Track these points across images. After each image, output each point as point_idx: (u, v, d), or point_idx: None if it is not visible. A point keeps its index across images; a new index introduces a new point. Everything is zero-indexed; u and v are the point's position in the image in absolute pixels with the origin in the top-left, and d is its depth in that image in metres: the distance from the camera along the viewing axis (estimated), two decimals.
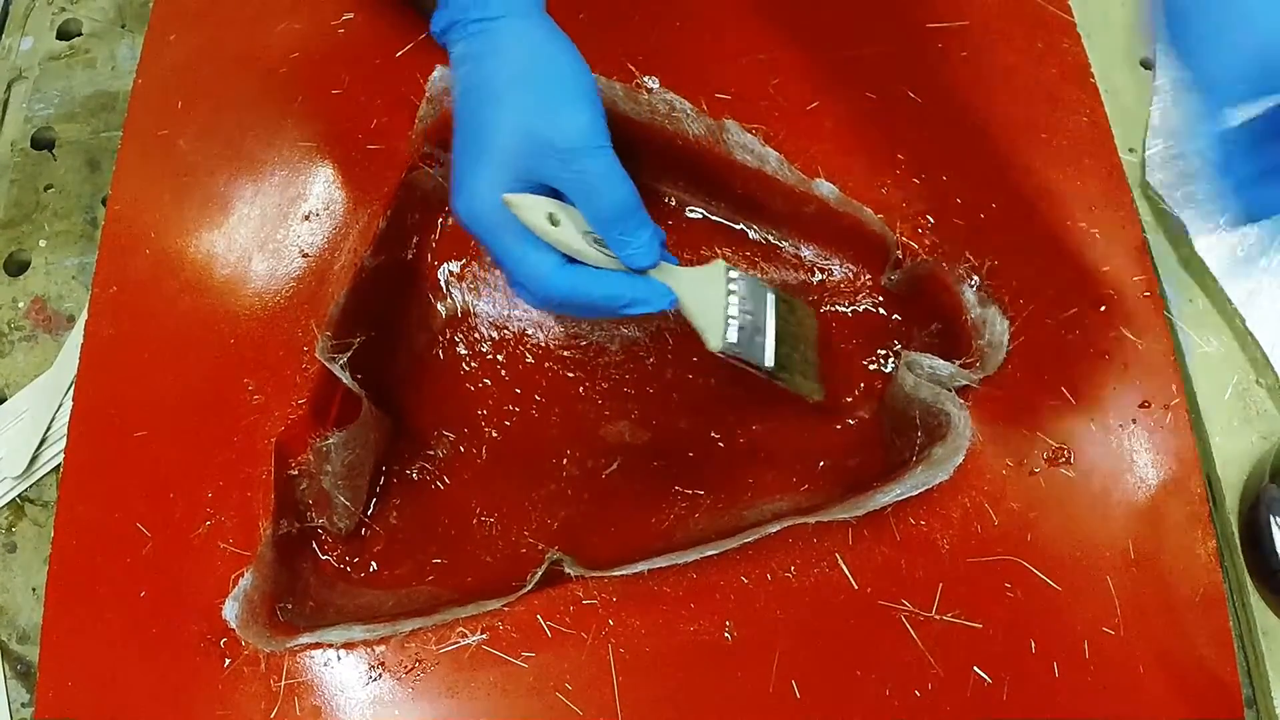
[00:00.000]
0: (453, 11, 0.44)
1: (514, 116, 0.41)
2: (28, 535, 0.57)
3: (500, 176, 0.41)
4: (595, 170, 0.41)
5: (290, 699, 0.46)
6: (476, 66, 0.43)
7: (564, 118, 0.41)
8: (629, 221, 0.42)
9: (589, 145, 0.41)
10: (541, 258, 0.42)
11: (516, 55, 0.42)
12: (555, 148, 0.41)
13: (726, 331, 0.46)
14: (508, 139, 0.41)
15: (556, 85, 0.42)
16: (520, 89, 0.42)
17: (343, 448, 0.50)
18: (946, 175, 0.55)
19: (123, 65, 0.70)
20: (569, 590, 0.47)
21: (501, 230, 0.42)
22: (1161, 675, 0.46)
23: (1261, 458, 0.54)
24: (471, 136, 0.42)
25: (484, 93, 0.42)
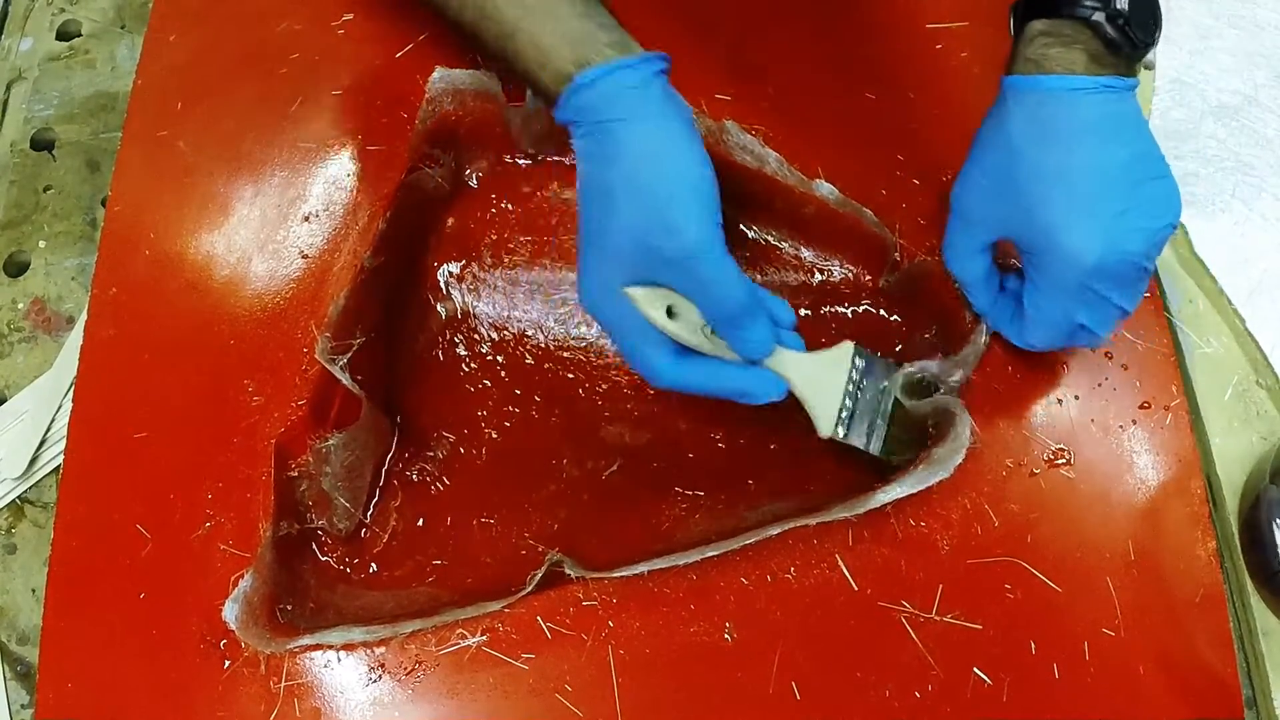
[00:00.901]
0: (574, 111, 0.44)
1: (625, 224, 0.42)
2: (27, 536, 0.57)
3: (617, 274, 0.43)
4: (705, 276, 0.42)
5: (290, 700, 0.46)
6: (596, 169, 0.44)
7: (674, 227, 0.42)
8: (743, 319, 0.44)
9: (698, 253, 0.42)
10: (655, 351, 0.45)
11: (631, 160, 0.43)
12: (667, 258, 0.42)
13: (839, 421, 0.48)
14: (621, 244, 0.43)
15: (667, 192, 0.42)
16: (631, 197, 0.42)
17: (342, 449, 0.50)
18: (947, 176, 0.55)
19: (122, 66, 0.70)
20: (569, 591, 0.47)
21: (620, 322, 0.44)
22: (1162, 676, 0.46)
23: (1261, 458, 0.54)
24: (591, 235, 0.44)
25: (599, 194, 0.43)
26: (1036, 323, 0.47)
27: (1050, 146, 0.43)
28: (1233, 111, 0.62)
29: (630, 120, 0.43)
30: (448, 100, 0.56)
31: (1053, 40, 0.44)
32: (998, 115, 0.46)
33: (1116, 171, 0.43)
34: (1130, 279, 0.44)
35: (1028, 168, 0.44)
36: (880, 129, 0.56)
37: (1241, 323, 0.57)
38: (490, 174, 0.60)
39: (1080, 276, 0.43)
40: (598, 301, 0.45)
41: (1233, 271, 0.58)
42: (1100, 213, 0.43)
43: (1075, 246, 0.43)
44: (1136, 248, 0.43)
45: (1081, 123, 0.43)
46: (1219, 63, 0.63)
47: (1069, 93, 0.43)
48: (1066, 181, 0.43)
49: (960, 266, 0.49)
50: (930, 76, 0.57)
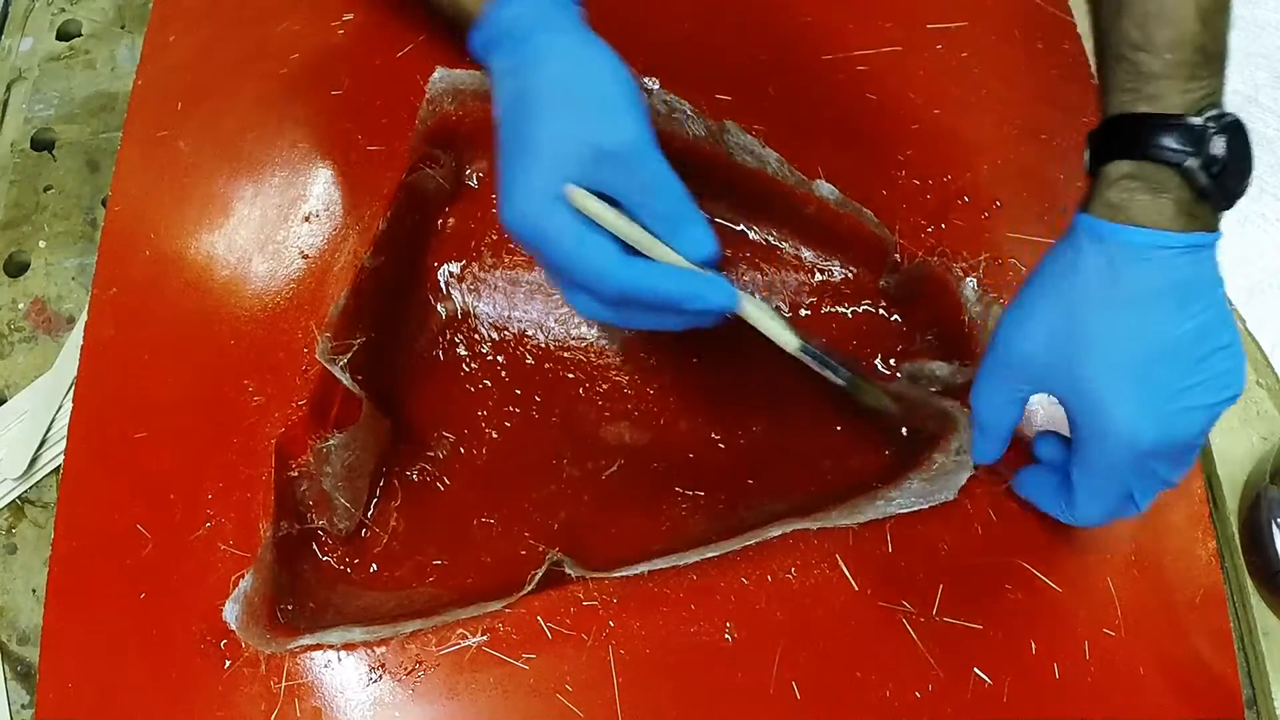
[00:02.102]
0: (493, 28, 0.44)
1: (564, 124, 0.41)
2: (28, 536, 0.57)
3: (552, 181, 0.41)
4: (648, 169, 0.41)
5: (290, 700, 0.46)
6: (522, 78, 0.43)
7: (614, 123, 0.41)
8: (684, 215, 0.42)
9: (640, 147, 0.41)
10: (603, 248, 0.41)
11: (562, 65, 0.43)
12: (608, 152, 0.41)
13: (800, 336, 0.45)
14: (559, 146, 0.41)
15: (603, 93, 0.42)
16: (568, 97, 0.42)
17: (343, 449, 0.50)
18: (948, 176, 0.55)
19: (122, 66, 0.70)
20: (569, 591, 0.47)
21: (558, 230, 0.41)
22: (1162, 676, 0.46)
23: (1261, 458, 0.54)
24: (520, 145, 0.42)
25: (531, 102, 0.42)
26: (1088, 496, 0.43)
27: (1121, 309, 0.40)
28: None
29: (557, 30, 0.43)
30: (448, 100, 0.56)
31: (1139, 185, 0.39)
32: (1068, 257, 0.41)
33: (1185, 345, 0.39)
34: (1183, 455, 0.41)
35: (1090, 330, 0.40)
36: (880, 129, 0.56)
37: (1241, 323, 0.57)
38: (490, 174, 0.60)
39: (1133, 456, 0.40)
40: (531, 211, 0.41)
41: (1233, 271, 0.58)
42: (1160, 391, 0.39)
43: (1130, 427, 0.39)
44: (1195, 428, 0.40)
45: (1160, 286, 0.39)
46: None
47: (1153, 250, 0.39)
48: (1127, 354, 0.39)
49: (988, 410, 0.45)
50: (930, 77, 0.57)
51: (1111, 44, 0.41)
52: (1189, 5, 0.39)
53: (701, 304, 0.42)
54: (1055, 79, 0.57)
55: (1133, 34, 0.40)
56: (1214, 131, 0.39)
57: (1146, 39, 0.40)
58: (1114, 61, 0.41)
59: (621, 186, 0.41)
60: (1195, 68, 0.39)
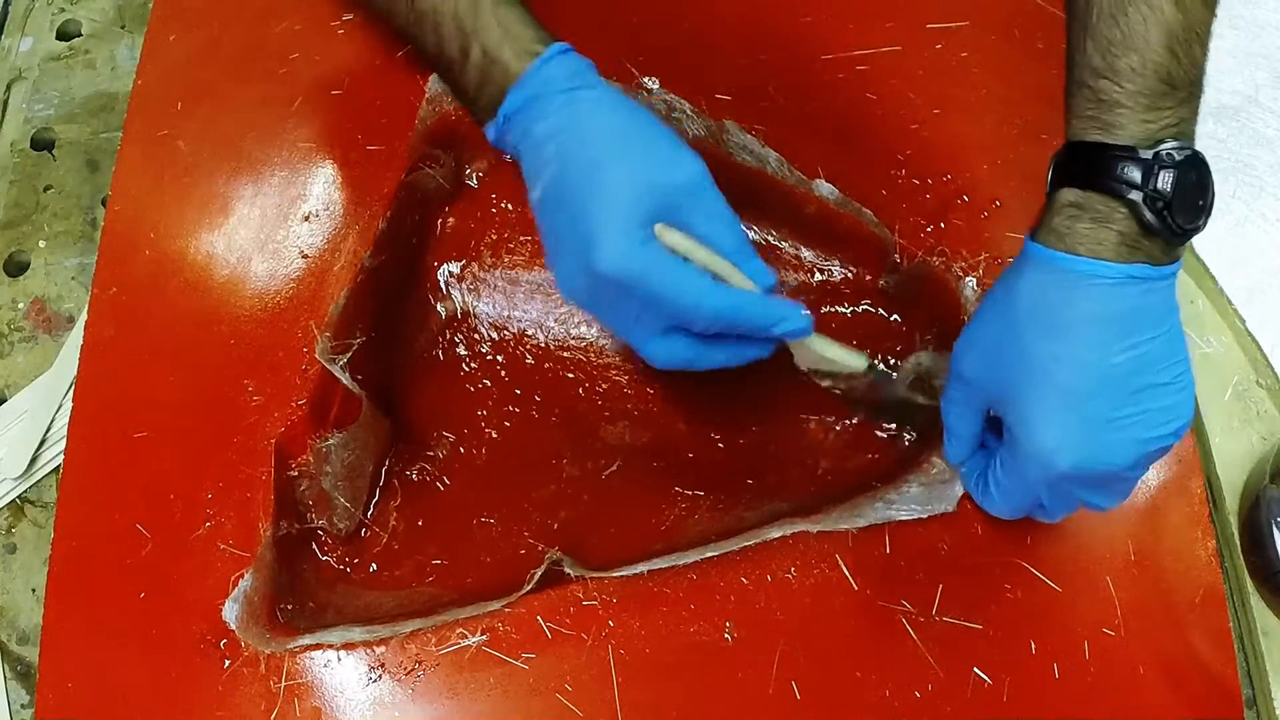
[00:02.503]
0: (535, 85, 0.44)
1: (636, 167, 0.42)
2: (28, 536, 0.57)
3: (635, 222, 0.41)
4: (714, 202, 0.43)
5: (290, 700, 0.46)
6: (577, 134, 0.43)
7: (676, 161, 0.43)
8: (747, 247, 0.44)
9: (704, 181, 0.43)
10: (696, 282, 0.42)
11: (612, 117, 0.44)
12: (678, 186, 0.42)
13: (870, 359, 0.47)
14: (634, 187, 0.42)
15: (658, 137, 0.44)
16: (628, 144, 0.43)
17: (342, 448, 0.50)
18: (948, 176, 0.55)
19: (122, 66, 0.70)
20: (569, 591, 0.47)
21: (651, 265, 0.41)
22: (1162, 676, 0.46)
23: (1261, 458, 0.54)
24: (588, 198, 0.42)
25: (594, 153, 0.43)
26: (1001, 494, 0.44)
27: (1049, 333, 0.39)
28: (1233, 112, 0.62)
29: (594, 87, 0.45)
30: (448, 100, 0.56)
31: (1082, 214, 0.39)
32: (1010, 279, 0.42)
33: (1118, 375, 0.39)
34: (1110, 485, 0.41)
35: (1021, 348, 0.40)
36: (880, 129, 0.56)
37: (1241, 323, 0.57)
38: (490, 174, 0.60)
39: (1048, 477, 0.40)
40: (628, 253, 0.41)
41: (1233, 271, 0.58)
42: (1085, 417, 0.39)
43: (1047, 449, 0.39)
44: (1122, 460, 0.39)
45: (1090, 314, 0.39)
46: (1219, 63, 0.63)
47: (1088, 280, 0.39)
48: (1056, 376, 0.39)
49: (951, 417, 0.46)
50: (930, 76, 0.57)
51: (1076, 69, 0.41)
52: (1157, 33, 0.38)
53: (786, 326, 0.43)
54: (1055, 79, 0.57)
55: (1096, 60, 0.40)
56: (1163, 166, 0.38)
57: (1109, 66, 0.39)
58: (1076, 87, 0.41)
59: (692, 220, 0.43)
60: (1158, 97, 0.39)
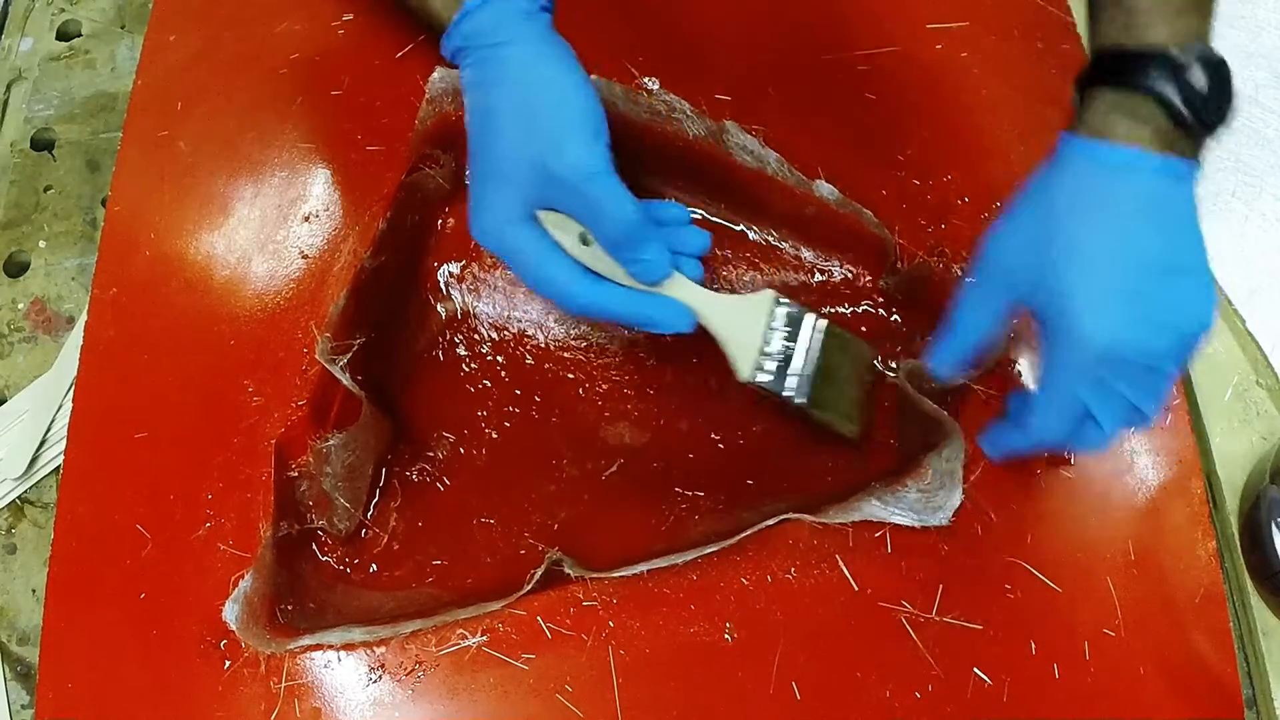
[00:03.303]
0: (462, 37, 0.45)
1: (517, 148, 0.43)
2: (28, 536, 0.57)
3: (512, 201, 0.43)
4: (596, 195, 0.43)
5: (290, 700, 0.46)
6: (484, 94, 0.44)
7: (564, 148, 0.43)
8: (634, 239, 0.44)
9: (589, 173, 0.42)
10: (560, 272, 0.44)
11: (520, 85, 0.44)
12: (557, 177, 0.42)
13: (759, 363, 0.47)
14: (514, 169, 0.43)
15: (557, 115, 0.43)
16: (522, 121, 0.43)
17: (343, 449, 0.50)
18: (949, 176, 0.55)
19: (122, 66, 0.70)
20: (569, 592, 0.47)
21: (520, 250, 0.44)
22: (1162, 676, 0.46)
23: (1262, 458, 0.54)
24: (483, 162, 0.44)
25: (490, 122, 0.44)
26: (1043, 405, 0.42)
27: (1090, 220, 0.41)
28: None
29: (519, 43, 0.44)
30: (448, 100, 0.56)
31: (1119, 111, 0.41)
32: (1048, 172, 0.42)
33: (1152, 258, 0.40)
34: (1144, 374, 0.41)
35: (1063, 237, 0.41)
36: (880, 129, 0.56)
37: (1241, 323, 0.57)
38: None
39: (1092, 357, 0.40)
40: (499, 229, 0.44)
41: (1233, 271, 0.58)
42: (1125, 296, 0.40)
43: (1087, 326, 0.40)
44: (1156, 344, 0.40)
45: (1129, 201, 0.40)
46: None
47: (1125, 168, 0.40)
48: (1095, 258, 0.40)
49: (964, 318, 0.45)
50: (930, 76, 0.57)
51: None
52: None
53: (657, 328, 0.45)
54: (1055, 79, 0.57)
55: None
56: (1195, 63, 0.40)
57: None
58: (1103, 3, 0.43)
59: (573, 209, 0.43)
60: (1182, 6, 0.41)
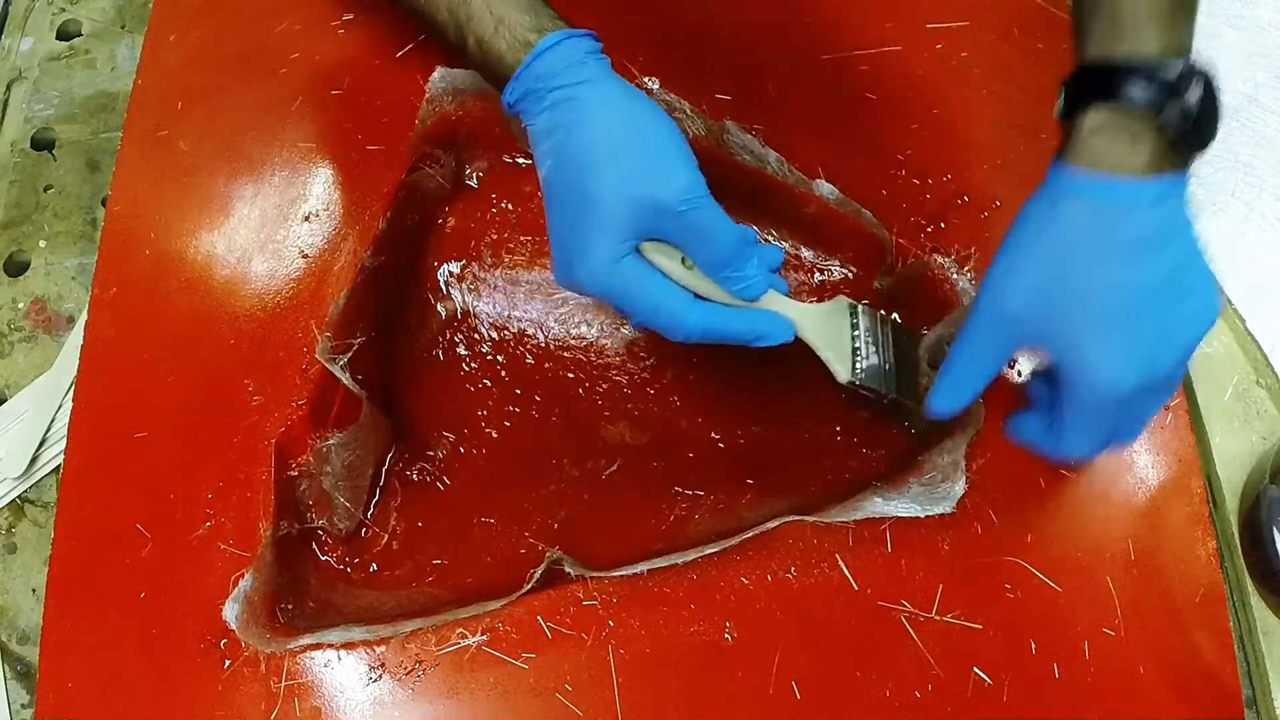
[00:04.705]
0: (534, 78, 0.44)
1: (621, 183, 0.43)
2: (28, 536, 0.57)
3: (616, 241, 0.43)
4: (704, 220, 0.43)
5: (290, 700, 0.46)
6: (568, 136, 0.44)
7: (670, 179, 0.43)
8: (737, 260, 0.45)
9: (696, 199, 0.43)
10: (676, 301, 0.44)
11: (610, 123, 0.44)
12: (666, 208, 0.43)
13: (855, 365, 0.48)
14: (616, 205, 0.43)
15: (656, 148, 0.44)
16: (623, 156, 0.43)
17: (343, 449, 0.50)
18: (948, 175, 0.55)
19: (123, 65, 0.70)
20: (569, 591, 0.47)
21: (633, 285, 0.44)
22: (1162, 676, 0.46)
23: (1261, 458, 0.54)
24: (578, 207, 0.43)
25: (584, 163, 0.43)
26: (1077, 434, 0.43)
27: (1104, 262, 0.40)
28: (1233, 112, 0.62)
29: (598, 82, 0.44)
30: (448, 100, 0.56)
31: (1114, 132, 0.40)
32: (1049, 211, 0.41)
33: (1162, 289, 0.40)
34: (1164, 388, 0.42)
35: (1071, 283, 0.40)
36: (880, 129, 0.56)
37: (1241, 323, 0.57)
38: (490, 174, 0.60)
39: (1117, 401, 0.41)
40: (607, 269, 0.43)
41: (1233, 271, 0.58)
42: (1141, 340, 0.40)
43: (1114, 377, 0.40)
44: (1173, 362, 0.41)
45: (1139, 237, 0.40)
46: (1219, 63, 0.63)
47: (1127, 203, 0.40)
48: (1113, 303, 0.40)
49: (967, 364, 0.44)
50: (930, 76, 0.57)
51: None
52: None
53: (764, 342, 0.46)
54: (1055, 79, 0.57)
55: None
56: (1190, 80, 0.39)
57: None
58: (1090, 11, 0.42)
59: (680, 236, 0.44)
60: (1173, 12, 0.40)
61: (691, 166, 0.44)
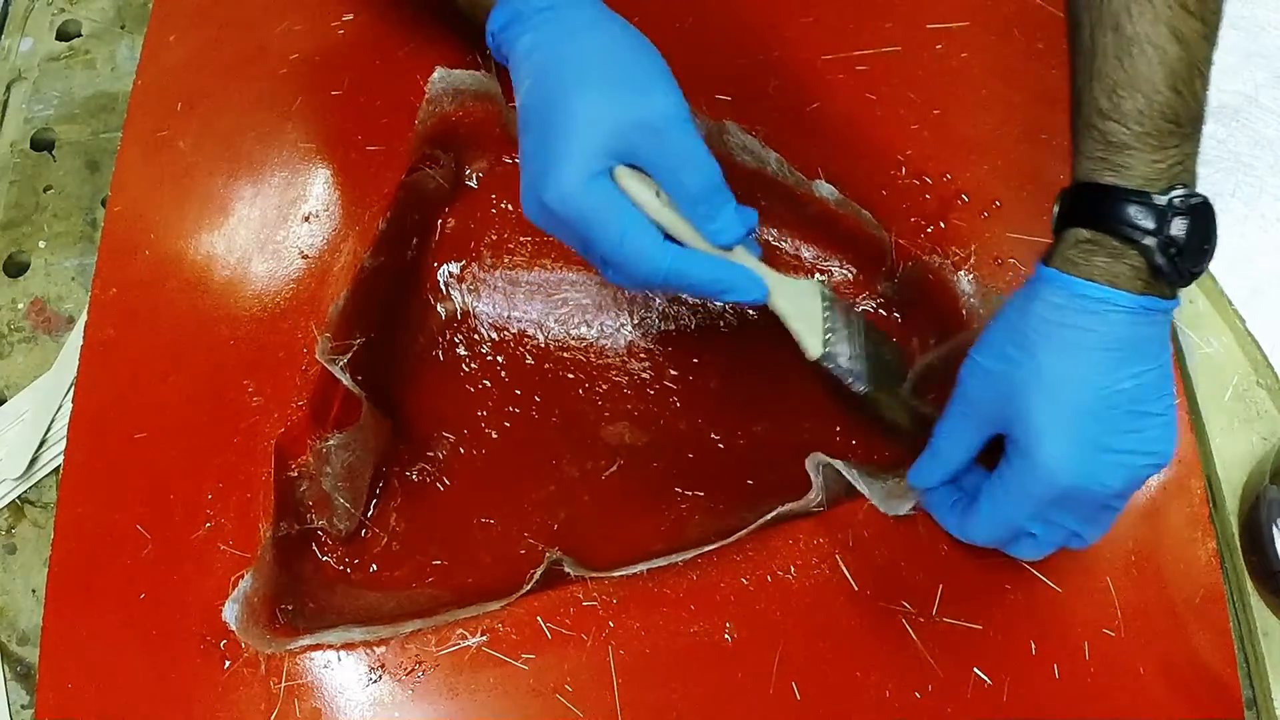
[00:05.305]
0: (515, 4, 0.43)
1: (601, 98, 0.41)
2: (28, 536, 0.57)
3: (589, 158, 0.40)
4: (686, 147, 0.41)
5: (290, 700, 0.46)
6: (548, 53, 0.42)
7: (653, 96, 0.41)
8: (715, 198, 0.42)
9: (675, 119, 0.41)
10: (644, 234, 0.41)
11: (594, 38, 0.42)
12: (646, 125, 0.41)
13: (826, 343, 0.46)
14: (596, 120, 0.40)
15: (639, 66, 0.42)
16: (605, 70, 0.41)
17: (342, 449, 0.50)
18: (948, 176, 0.55)
19: (122, 66, 0.70)
20: (569, 592, 0.47)
21: (601, 211, 0.41)
22: (1162, 676, 0.46)
23: (1262, 458, 0.54)
24: (552, 123, 0.41)
25: (564, 77, 0.41)
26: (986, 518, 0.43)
27: (1065, 355, 0.40)
28: (1233, 112, 0.62)
29: (577, 5, 0.43)
30: (448, 100, 0.56)
31: (1097, 249, 0.40)
32: (1024, 304, 0.42)
33: (1122, 400, 0.40)
34: (1094, 510, 0.42)
35: (1037, 369, 0.40)
36: (880, 129, 0.56)
37: (1241, 323, 0.57)
38: (490, 174, 0.60)
39: (1048, 493, 0.40)
40: (571, 194, 0.40)
41: (1233, 271, 0.58)
42: (1091, 438, 0.40)
43: (1053, 463, 0.40)
44: (1114, 483, 0.40)
45: (1105, 340, 0.40)
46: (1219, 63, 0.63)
47: (1105, 306, 0.39)
48: (1066, 395, 0.40)
49: (949, 436, 0.45)
50: (930, 76, 0.57)
51: (1082, 111, 0.41)
52: (1160, 73, 0.39)
53: (731, 296, 0.43)
54: (1055, 79, 0.57)
55: (1102, 102, 0.40)
56: (1176, 213, 0.39)
57: (1115, 108, 0.40)
58: (1084, 128, 0.41)
59: (657, 160, 0.41)
60: (1165, 136, 0.39)
61: (675, 90, 0.42)
